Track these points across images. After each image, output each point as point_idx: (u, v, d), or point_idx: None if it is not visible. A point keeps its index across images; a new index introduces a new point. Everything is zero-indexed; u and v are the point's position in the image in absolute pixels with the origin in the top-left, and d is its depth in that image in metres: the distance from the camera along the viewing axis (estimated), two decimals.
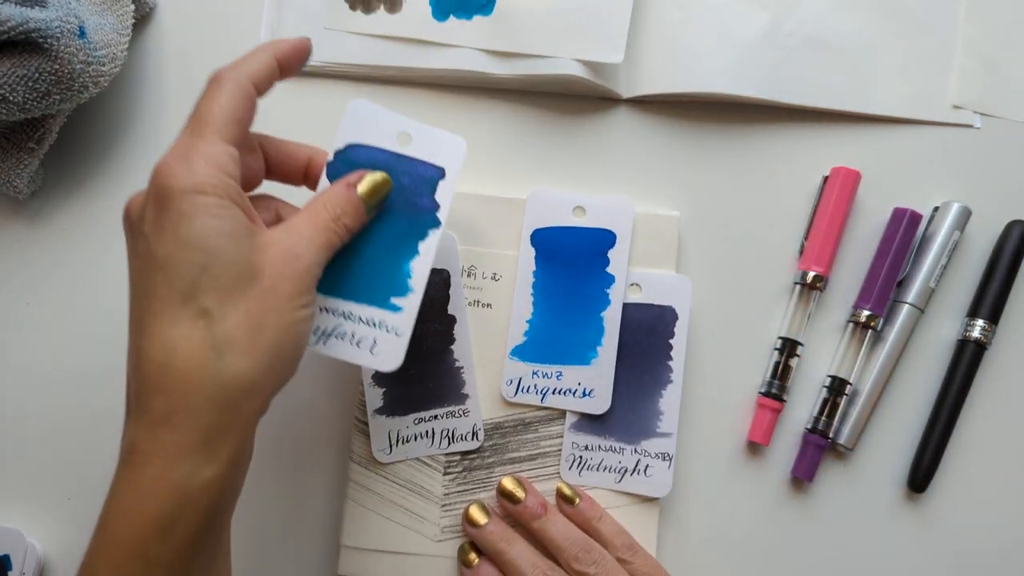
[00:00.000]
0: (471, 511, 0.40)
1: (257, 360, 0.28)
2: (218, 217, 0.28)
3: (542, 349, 0.42)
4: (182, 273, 0.27)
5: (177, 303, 0.27)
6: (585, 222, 0.43)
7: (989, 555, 0.43)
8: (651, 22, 0.46)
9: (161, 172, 0.28)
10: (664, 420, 0.42)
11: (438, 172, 0.37)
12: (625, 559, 0.39)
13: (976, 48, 0.46)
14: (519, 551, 0.39)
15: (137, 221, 0.29)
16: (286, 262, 0.29)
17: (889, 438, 0.44)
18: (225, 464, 0.28)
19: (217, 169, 0.29)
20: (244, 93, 0.30)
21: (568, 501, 0.40)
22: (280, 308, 0.29)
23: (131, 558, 0.27)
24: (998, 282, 0.44)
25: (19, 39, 0.38)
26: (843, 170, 0.44)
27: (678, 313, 0.43)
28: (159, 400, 0.27)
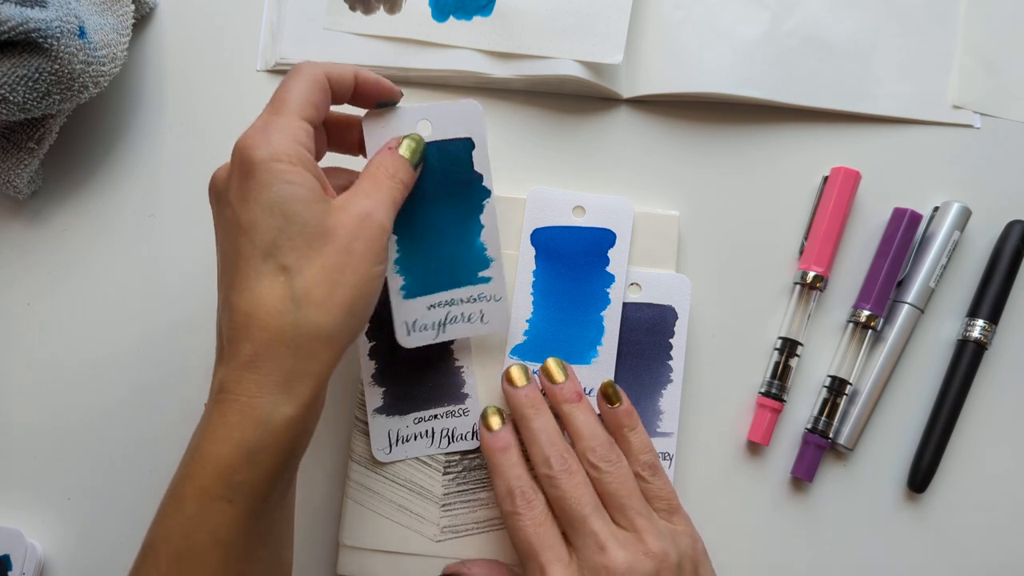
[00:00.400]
0: (512, 370, 0.40)
1: (332, 313, 0.31)
2: (293, 183, 0.31)
3: (542, 348, 0.42)
4: (263, 235, 0.30)
5: (259, 260, 0.30)
6: (585, 222, 0.43)
7: (989, 555, 0.43)
8: (651, 22, 0.46)
9: (243, 145, 0.32)
10: (664, 420, 0.42)
11: (467, 144, 0.39)
12: (644, 476, 0.38)
13: (976, 48, 0.46)
14: (544, 423, 0.38)
15: (223, 191, 0.33)
16: (359, 222, 0.32)
17: (889, 438, 0.44)
18: (302, 405, 0.30)
19: (293, 140, 0.32)
20: (319, 82, 0.34)
21: (608, 400, 0.39)
22: (355, 265, 0.32)
23: (216, 481, 0.29)
24: (998, 282, 0.44)
25: (19, 39, 0.38)
26: (843, 170, 0.44)
27: (678, 313, 0.43)
28: (246, 346, 0.30)
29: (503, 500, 0.36)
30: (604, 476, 0.36)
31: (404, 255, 0.39)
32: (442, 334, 0.40)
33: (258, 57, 0.47)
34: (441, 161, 0.38)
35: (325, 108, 0.34)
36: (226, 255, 0.32)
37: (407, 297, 0.39)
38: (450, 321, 0.40)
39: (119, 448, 0.45)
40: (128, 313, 0.46)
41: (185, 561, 0.30)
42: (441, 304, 0.40)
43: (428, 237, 0.39)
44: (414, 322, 0.40)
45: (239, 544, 0.30)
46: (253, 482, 0.30)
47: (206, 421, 0.31)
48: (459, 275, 0.40)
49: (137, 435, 0.45)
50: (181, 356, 0.45)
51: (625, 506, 0.36)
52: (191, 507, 0.30)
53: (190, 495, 0.30)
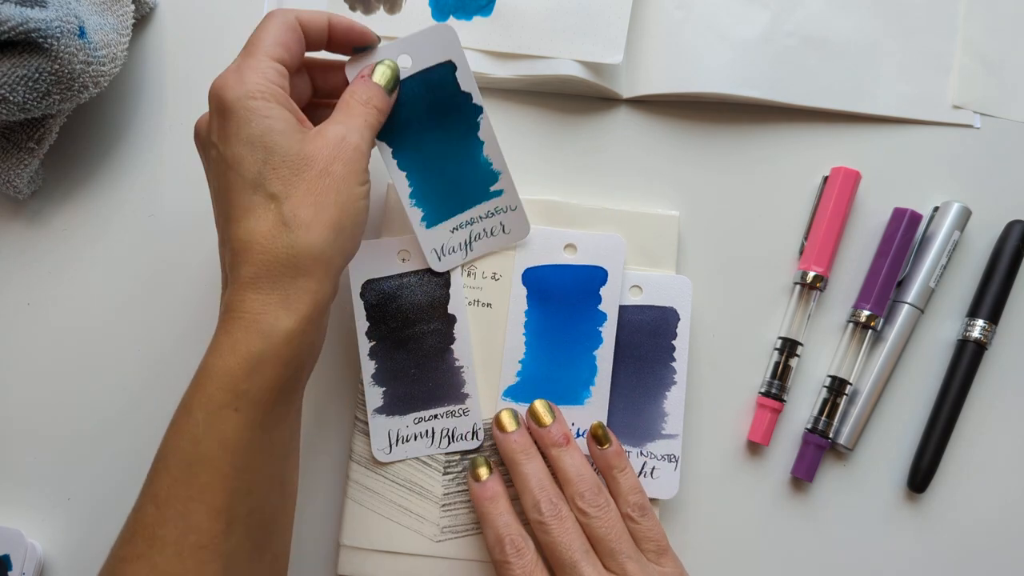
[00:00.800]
0: (502, 415, 0.40)
1: (321, 232, 0.33)
2: (270, 118, 0.33)
3: (535, 389, 0.42)
4: (249, 167, 0.33)
5: (249, 191, 0.33)
6: (576, 259, 0.43)
7: (989, 555, 0.43)
8: (651, 22, 0.46)
9: (218, 87, 0.34)
10: (669, 422, 0.42)
11: (449, 67, 0.39)
12: (632, 517, 0.38)
13: (976, 48, 0.46)
14: (534, 468, 0.39)
15: (206, 136, 0.35)
16: (335, 146, 0.34)
17: (889, 438, 0.44)
18: (302, 319, 0.32)
19: (264, 79, 0.34)
20: (290, 26, 0.35)
21: (598, 442, 0.40)
22: (337, 186, 0.33)
23: (223, 390, 0.31)
24: (998, 282, 0.44)
25: (19, 39, 0.38)
26: (843, 170, 0.44)
27: (680, 314, 0.43)
28: (246, 269, 0.32)
29: (493, 549, 0.37)
30: (593, 521, 0.37)
31: (417, 188, 0.41)
32: (471, 252, 0.42)
33: None
34: (429, 90, 0.39)
35: (298, 50, 0.36)
36: (219, 192, 0.34)
37: (429, 226, 0.41)
38: (475, 239, 0.42)
39: (119, 448, 0.45)
40: (128, 313, 0.46)
41: (195, 466, 0.31)
42: (463, 225, 0.42)
43: (435, 165, 0.40)
44: (442, 247, 0.41)
45: (246, 453, 0.32)
46: (258, 391, 0.32)
47: (214, 341, 0.33)
48: (472, 194, 0.41)
49: (137, 435, 0.45)
50: (181, 356, 0.45)
51: (614, 550, 0.37)
52: (199, 415, 0.31)
53: (198, 405, 0.32)
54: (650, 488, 0.41)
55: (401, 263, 0.43)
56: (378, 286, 0.42)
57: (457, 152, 0.41)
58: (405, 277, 0.43)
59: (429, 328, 0.42)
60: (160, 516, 0.31)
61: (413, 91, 0.39)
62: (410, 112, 0.39)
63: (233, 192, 0.33)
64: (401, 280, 0.42)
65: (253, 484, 0.33)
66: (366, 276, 0.42)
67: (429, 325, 0.42)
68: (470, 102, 0.40)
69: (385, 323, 0.42)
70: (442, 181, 0.41)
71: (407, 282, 0.43)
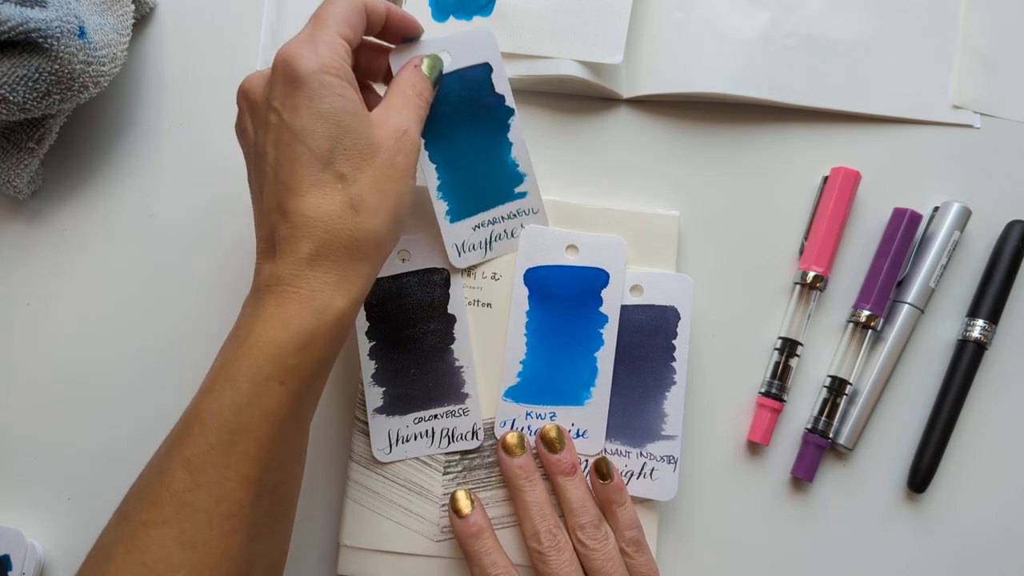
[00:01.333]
0: (509, 438, 0.41)
1: (384, 219, 0.34)
2: (342, 96, 0.33)
3: (536, 390, 0.42)
4: (320, 143, 0.32)
5: (318, 167, 0.33)
6: (578, 260, 0.43)
7: (989, 555, 0.43)
8: (651, 22, 0.46)
9: (291, 54, 0.33)
10: (669, 422, 0.42)
11: (485, 68, 0.41)
12: (628, 552, 0.39)
13: (976, 48, 0.46)
14: (537, 495, 0.39)
15: (264, 98, 0.34)
16: (398, 138, 0.34)
17: (889, 438, 0.44)
18: (353, 301, 0.33)
19: (337, 55, 0.34)
20: (356, 7, 0.36)
21: (600, 476, 0.40)
22: (398, 177, 0.34)
23: (272, 362, 0.31)
24: (998, 282, 0.44)
25: (19, 39, 0.38)
26: (843, 170, 0.44)
27: (680, 313, 0.42)
28: (306, 244, 0.32)
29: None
30: (591, 553, 0.38)
31: (445, 181, 0.41)
32: (489, 252, 0.42)
33: (258, 57, 0.47)
34: (465, 88, 0.41)
35: (361, 31, 0.36)
36: (279, 161, 0.33)
37: (453, 221, 0.42)
38: (495, 239, 0.42)
39: (119, 448, 0.45)
40: (128, 313, 0.46)
41: (236, 434, 0.31)
42: (485, 224, 0.42)
43: (464, 161, 0.41)
44: (463, 243, 0.42)
45: (283, 425, 0.32)
46: (305, 366, 0.32)
47: (259, 308, 0.32)
48: (497, 193, 0.42)
49: (137, 435, 0.45)
50: (181, 355, 0.45)
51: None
52: (244, 385, 0.31)
53: (244, 374, 0.31)
54: (649, 489, 0.41)
55: (401, 263, 0.43)
56: (378, 286, 0.42)
57: (486, 151, 0.42)
58: (405, 277, 0.43)
59: (429, 328, 0.42)
60: (192, 482, 0.31)
61: (450, 88, 0.40)
62: (445, 108, 0.41)
63: (299, 164, 0.32)
64: (401, 280, 0.42)
65: (284, 457, 0.33)
66: None
67: (429, 325, 0.42)
68: (503, 104, 0.41)
69: (385, 323, 0.42)
70: (470, 177, 0.42)
71: (407, 282, 0.43)
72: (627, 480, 0.42)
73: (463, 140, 0.41)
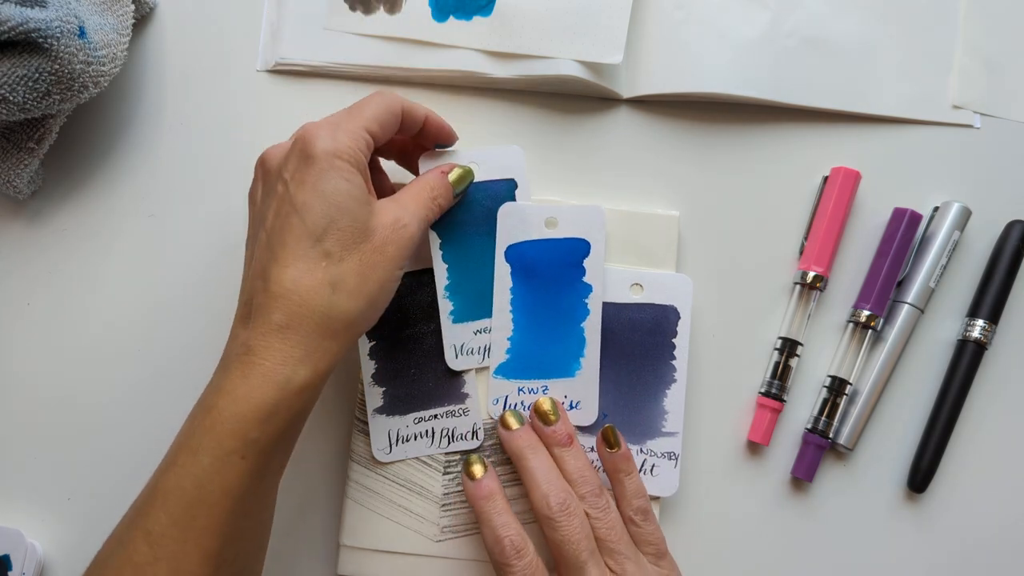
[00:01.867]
0: (507, 415, 0.40)
1: (359, 303, 0.34)
2: (348, 181, 0.34)
3: (525, 365, 0.42)
4: (316, 220, 0.33)
5: (308, 242, 0.33)
6: (558, 233, 0.43)
7: (989, 555, 0.43)
8: (651, 22, 0.46)
9: (310, 134, 0.35)
10: (669, 419, 0.42)
11: (511, 184, 0.43)
12: (635, 521, 0.39)
13: (976, 48, 0.46)
14: (540, 462, 0.39)
15: (277, 168, 0.36)
16: (395, 229, 0.36)
17: (889, 438, 0.44)
18: (318, 375, 0.33)
19: (354, 144, 0.35)
20: (393, 108, 0.37)
21: (608, 444, 0.40)
22: (385, 265, 0.35)
23: (233, 436, 0.32)
24: (998, 282, 0.44)
25: (19, 39, 0.38)
26: (843, 170, 0.44)
27: (680, 312, 0.43)
28: (278, 315, 0.33)
29: (492, 550, 0.37)
30: (595, 522, 0.38)
31: (453, 282, 0.42)
32: (486, 359, 0.42)
33: (258, 57, 0.47)
34: (489, 199, 0.43)
35: (391, 131, 0.38)
36: (273, 229, 0.34)
37: (455, 322, 0.42)
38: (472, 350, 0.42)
39: (119, 448, 0.45)
40: (128, 313, 0.46)
41: (195, 508, 0.32)
42: (486, 330, 0.42)
43: (475, 267, 0.42)
44: (462, 346, 0.42)
45: (244, 499, 0.33)
46: (266, 440, 0.32)
47: (226, 379, 0.33)
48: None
49: (137, 435, 0.45)
50: (181, 356, 0.45)
51: (615, 551, 0.37)
52: (206, 459, 0.32)
53: (206, 448, 0.32)
54: (650, 486, 0.41)
55: None
56: None
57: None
58: (405, 277, 0.42)
59: (429, 328, 0.42)
60: (152, 555, 0.31)
61: (475, 197, 0.42)
62: (467, 214, 0.42)
63: (290, 235, 0.33)
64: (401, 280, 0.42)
65: (245, 529, 0.34)
66: None
67: (429, 325, 0.42)
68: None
69: (385, 323, 0.42)
70: (478, 283, 0.42)
71: (407, 282, 0.43)
72: None
73: (477, 247, 0.42)
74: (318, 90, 0.47)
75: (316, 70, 0.47)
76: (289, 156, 0.35)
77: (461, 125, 0.46)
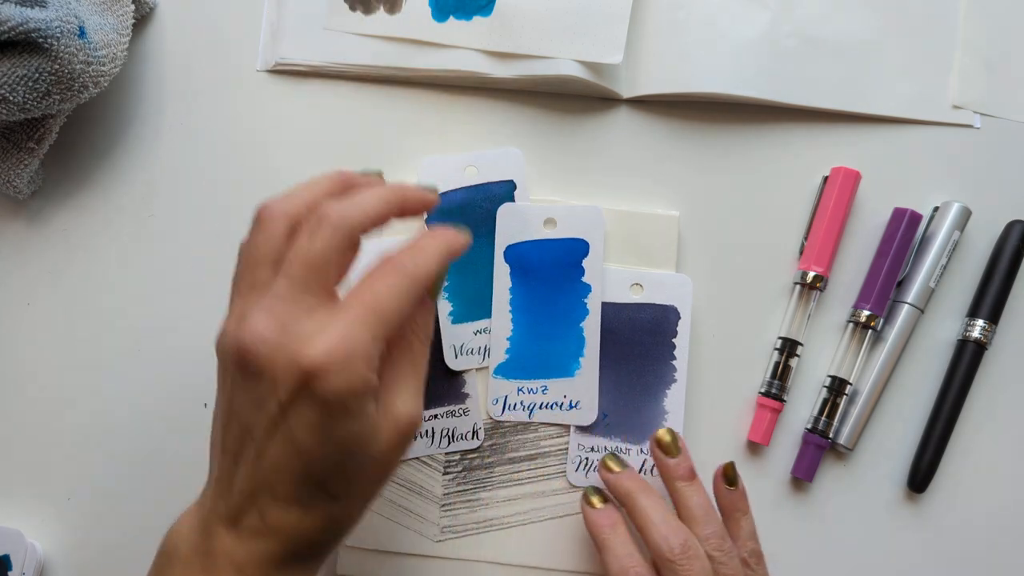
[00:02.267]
0: (608, 459, 0.39)
1: (357, 514, 0.32)
2: (359, 420, 0.29)
3: (525, 365, 0.42)
4: (321, 467, 0.29)
5: (309, 489, 0.29)
6: (557, 233, 0.43)
7: (989, 555, 0.43)
8: (651, 22, 0.46)
9: (320, 364, 0.27)
10: (669, 419, 0.42)
11: (510, 185, 0.43)
12: (750, 564, 0.37)
13: (976, 48, 0.46)
14: (655, 501, 0.37)
15: (270, 380, 0.28)
16: (404, 438, 0.31)
17: (889, 438, 0.44)
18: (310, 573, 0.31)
19: (370, 368, 0.29)
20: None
21: (728, 481, 0.39)
22: (389, 476, 0.32)
23: None
24: (998, 282, 0.44)
25: (19, 39, 0.38)
26: (843, 170, 0.44)
27: (680, 313, 0.43)
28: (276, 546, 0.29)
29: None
30: (720, 566, 0.35)
31: (453, 283, 0.42)
32: (486, 359, 0.42)
33: (258, 57, 0.47)
34: (488, 201, 0.43)
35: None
36: (266, 453, 0.29)
37: (454, 322, 0.42)
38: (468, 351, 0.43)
39: (119, 448, 0.45)
40: (128, 313, 0.46)
41: None
42: (486, 330, 0.43)
43: (474, 268, 0.43)
44: (461, 346, 0.42)
45: None
46: None
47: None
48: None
49: (137, 435, 0.45)
50: (180, 356, 0.45)
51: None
52: None
53: None
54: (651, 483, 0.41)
55: None
56: None
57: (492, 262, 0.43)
58: None
59: None
60: None
61: (475, 200, 0.43)
62: (466, 218, 0.43)
63: (289, 477, 0.29)
64: None
65: None
66: None
67: None
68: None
69: None
70: (477, 285, 0.43)
71: None
72: None
73: (477, 249, 0.42)
74: (318, 90, 0.47)
75: (316, 70, 0.47)
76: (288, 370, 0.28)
77: (461, 125, 0.46)
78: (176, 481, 0.44)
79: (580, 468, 0.42)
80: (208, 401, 0.44)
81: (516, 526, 0.41)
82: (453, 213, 0.43)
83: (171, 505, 0.38)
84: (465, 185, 0.43)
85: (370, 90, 0.47)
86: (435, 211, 0.43)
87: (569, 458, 0.42)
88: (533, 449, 0.42)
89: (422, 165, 0.42)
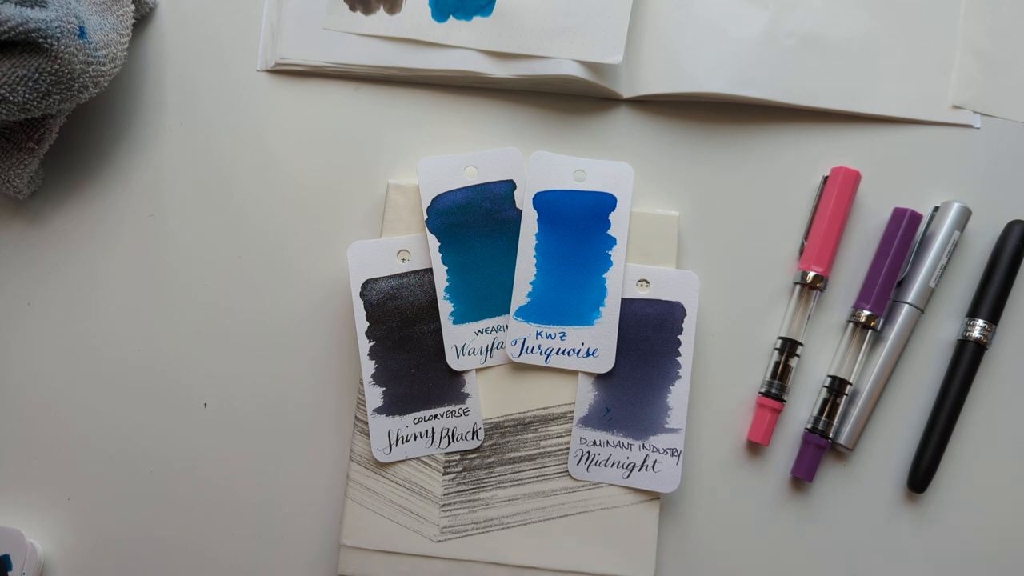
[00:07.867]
0: None
1: None
2: None
3: (546, 310, 0.43)
4: None
5: None
6: (585, 186, 0.43)
7: (989, 555, 0.43)
8: (651, 22, 0.46)
9: None
10: (672, 416, 0.42)
11: (509, 184, 0.43)
12: None
13: (976, 48, 0.46)
14: None
15: None
16: None
17: (889, 438, 0.44)
18: None
19: None
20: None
21: None
22: None
23: None
24: (998, 282, 0.44)
25: (19, 39, 0.38)
26: (843, 170, 0.44)
27: (687, 309, 0.43)
28: None
29: None
30: None
31: (453, 284, 0.42)
32: (488, 359, 0.42)
33: (258, 57, 0.47)
34: (488, 200, 0.43)
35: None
36: None
37: (456, 323, 0.42)
38: (496, 347, 0.42)
39: (119, 448, 0.45)
40: (128, 313, 0.46)
41: None
42: (488, 331, 0.42)
43: (475, 269, 0.43)
44: (463, 346, 0.42)
45: None
46: None
47: None
48: (504, 303, 0.43)
49: (137, 435, 0.45)
50: (181, 356, 0.45)
51: None
52: None
53: None
54: (652, 482, 0.42)
55: (401, 263, 0.43)
56: (378, 285, 0.42)
57: (499, 262, 0.43)
58: (405, 277, 0.43)
59: (429, 328, 0.42)
60: None
61: (474, 200, 0.43)
62: (466, 217, 0.43)
63: None
64: (401, 280, 0.43)
65: None
66: (366, 275, 0.42)
67: (429, 325, 0.42)
68: (518, 221, 0.43)
69: (385, 323, 0.42)
70: (478, 285, 0.43)
71: (407, 282, 0.43)
72: (628, 473, 0.42)
73: (478, 249, 0.43)
74: (318, 90, 0.47)
75: (316, 70, 0.47)
76: None
77: (461, 125, 0.46)
78: (176, 482, 0.44)
79: (582, 462, 0.42)
80: (208, 401, 0.45)
81: (516, 526, 0.41)
82: (453, 213, 0.43)
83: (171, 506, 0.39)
84: (465, 185, 0.43)
85: (370, 90, 0.47)
86: (435, 211, 0.43)
87: (571, 451, 0.42)
88: (533, 449, 0.42)
89: (422, 165, 0.42)
